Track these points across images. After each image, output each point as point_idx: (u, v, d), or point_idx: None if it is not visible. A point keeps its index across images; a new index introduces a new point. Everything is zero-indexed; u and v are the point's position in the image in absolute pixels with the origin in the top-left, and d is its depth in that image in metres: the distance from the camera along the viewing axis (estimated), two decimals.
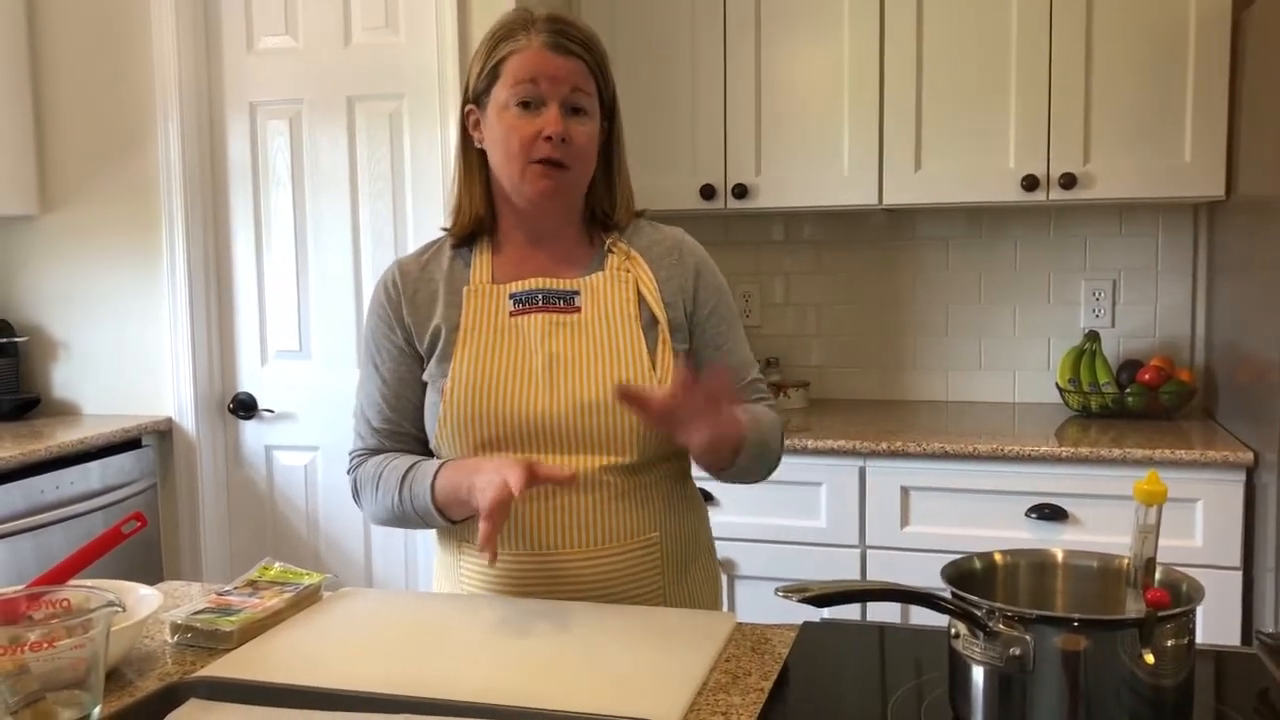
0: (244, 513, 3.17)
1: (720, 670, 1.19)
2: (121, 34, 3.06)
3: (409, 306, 1.52)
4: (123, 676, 1.20)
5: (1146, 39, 2.71)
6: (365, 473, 1.53)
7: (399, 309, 1.53)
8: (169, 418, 3.09)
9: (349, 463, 1.57)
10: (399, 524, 1.52)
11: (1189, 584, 1.04)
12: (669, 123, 3.03)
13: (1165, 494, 1.00)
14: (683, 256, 1.55)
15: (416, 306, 1.52)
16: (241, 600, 1.37)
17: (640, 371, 1.45)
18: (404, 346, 1.53)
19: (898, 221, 3.24)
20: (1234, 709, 1.09)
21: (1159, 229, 3.07)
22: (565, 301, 1.49)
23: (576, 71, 1.45)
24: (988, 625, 0.99)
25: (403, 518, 1.49)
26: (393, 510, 1.49)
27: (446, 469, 1.44)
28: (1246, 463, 2.40)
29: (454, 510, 1.44)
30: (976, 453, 2.54)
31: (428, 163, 2.91)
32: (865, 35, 2.87)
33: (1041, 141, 2.78)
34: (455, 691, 1.10)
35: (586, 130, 1.47)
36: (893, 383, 3.29)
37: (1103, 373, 2.92)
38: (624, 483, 1.46)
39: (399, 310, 1.53)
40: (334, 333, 3.03)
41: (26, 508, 2.64)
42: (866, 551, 2.64)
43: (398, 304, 1.53)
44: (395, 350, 1.53)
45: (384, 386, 1.53)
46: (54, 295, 3.19)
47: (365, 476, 1.53)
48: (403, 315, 1.52)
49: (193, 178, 3.05)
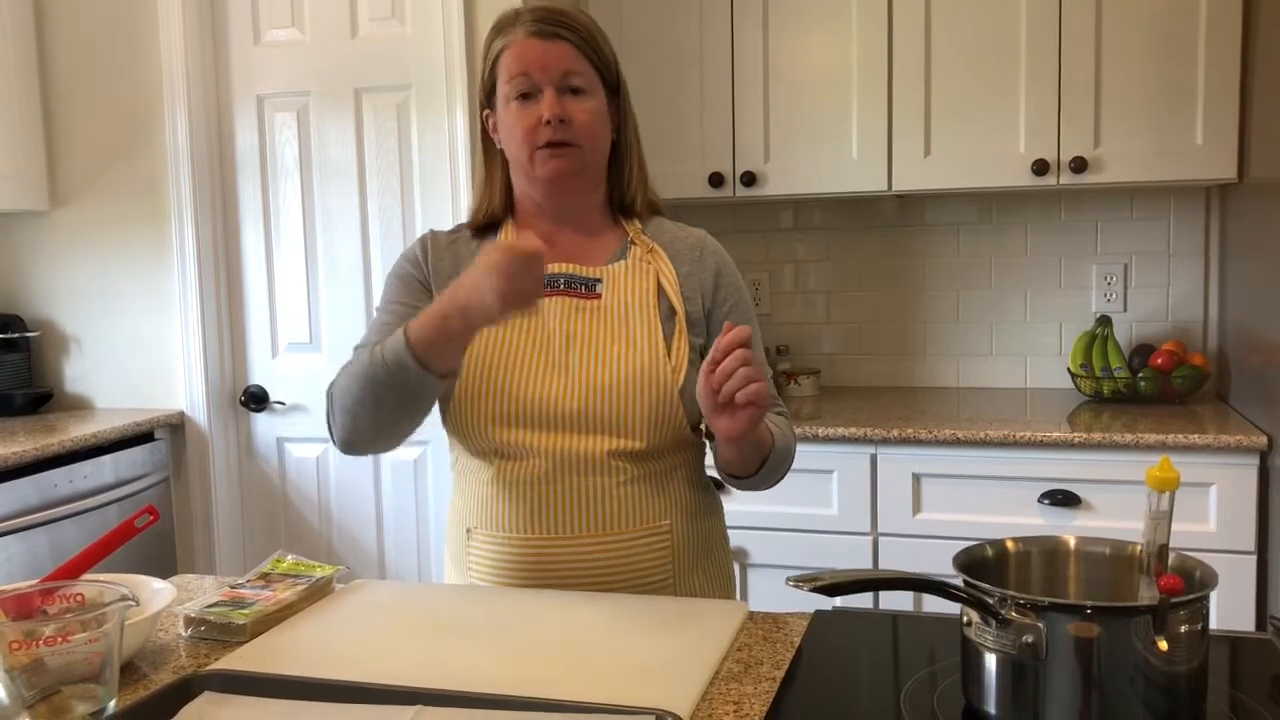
0: (256, 505, 3.18)
1: (732, 659, 1.19)
2: (128, 28, 3.06)
3: (435, 271, 1.54)
4: (137, 670, 1.20)
5: (1157, 20, 2.69)
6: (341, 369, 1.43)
7: (424, 270, 1.54)
8: (181, 411, 3.10)
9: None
10: (368, 414, 1.38)
11: (1202, 570, 1.04)
12: (677, 111, 3.02)
13: (1178, 480, 1.00)
14: (704, 255, 1.57)
15: (440, 276, 1.53)
16: (254, 593, 1.38)
17: (655, 359, 1.46)
18: (425, 296, 1.51)
19: (908, 207, 3.23)
20: (1248, 695, 1.08)
21: (1171, 212, 3.05)
22: (587, 288, 1.50)
23: (565, 54, 1.46)
24: (1000, 613, 0.99)
25: (372, 396, 1.35)
26: (363, 389, 1.36)
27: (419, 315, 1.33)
28: (1260, 447, 2.39)
29: (436, 350, 1.30)
30: (988, 439, 2.53)
31: (435, 153, 2.90)
32: (873, 19, 2.86)
33: (1052, 125, 2.77)
34: (467, 683, 1.10)
35: (587, 107, 1.47)
36: (904, 369, 3.28)
37: (1115, 357, 2.90)
38: (635, 469, 1.46)
39: (424, 271, 1.54)
40: (344, 324, 3.03)
41: (40, 502, 2.65)
42: (878, 539, 2.64)
43: (428, 263, 1.54)
44: (416, 294, 1.52)
45: (398, 319, 1.42)
46: (65, 290, 3.20)
47: (341, 371, 1.43)
48: (427, 278, 1.53)
49: (201, 171, 3.05)
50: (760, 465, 1.46)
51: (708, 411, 1.31)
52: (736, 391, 1.25)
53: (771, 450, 1.46)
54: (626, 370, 1.44)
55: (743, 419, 1.29)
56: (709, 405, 1.30)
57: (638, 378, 1.44)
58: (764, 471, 1.47)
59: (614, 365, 1.45)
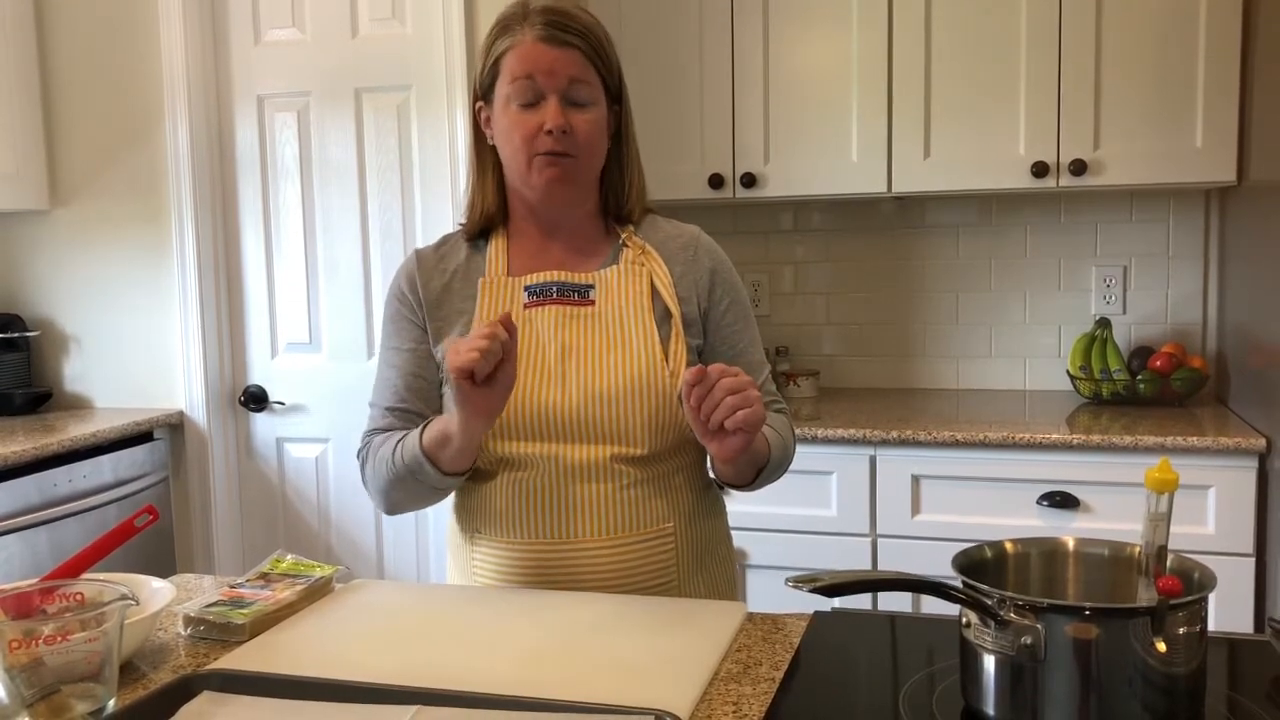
0: (256, 505, 3.19)
1: (731, 660, 1.19)
2: (129, 28, 3.06)
3: (425, 294, 1.53)
4: (136, 669, 1.20)
5: (1157, 22, 2.69)
6: (370, 450, 1.52)
7: (417, 296, 1.53)
8: (180, 411, 3.10)
9: (360, 444, 1.57)
10: (397, 493, 1.48)
11: (1201, 572, 1.04)
12: (676, 112, 3.02)
13: (1177, 481, 1.00)
14: (698, 253, 1.55)
15: (432, 295, 1.53)
16: (254, 593, 1.38)
17: (653, 363, 1.45)
18: (420, 333, 1.53)
19: (907, 209, 3.23)
20: (1246, 696, 1.09)
21: (1170, 215, 3.05)
22: (580, 295, 1.49)
23: (573, 62, 1.44)
24: (999, 614, 0.99)
25: (397, 482, 1.46)
26: (388, 477, 1.46)
27: (436, 418, 1.44)
28: (1259, 449, 2.39)
29: (441, 452, 1.39)
30: (987, 441, 2.53)
31: (435, 154, 2.91)
32: (874, 21, 2.86)
33: (1051, 127, 2.77)
34: (466, 682, 1.10)
35: (589, 118, 1.46)
36: (903, 371, 3.28)
37: (1114, 359, 2.91)
38: (637, 473, 1.46)
39: (416, 297, 1.53)
40: (344, 325, 3.04)
41: (40, 501, 2.65)
42: (877, 540, 2.64)
43: (415, 291, 1.54)
44: (411, 336, 1.53)
45: (400, 369, 1.53)
46: (65, 289, 3.20)
47: (370, 454, 1.52)
48: (420, 303, 1.53)
49: (201, 171, 3.05)
50: (756, 475, 1.47)
51: (698, 434, 1.31)
52: (724, 420, 1.26)
53: (767, 461, 1.47)
54: (624, 378, 1.44)
55: (733, 444, 1.29)
56: (699, 430, 1.30)
57: (636, 385, 1.44)
58: (759, 480, 1.49)
59: (611, 373, 1.44)
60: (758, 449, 1.42)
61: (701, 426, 1.29)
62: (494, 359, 1.27)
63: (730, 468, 1.41)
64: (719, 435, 1.29)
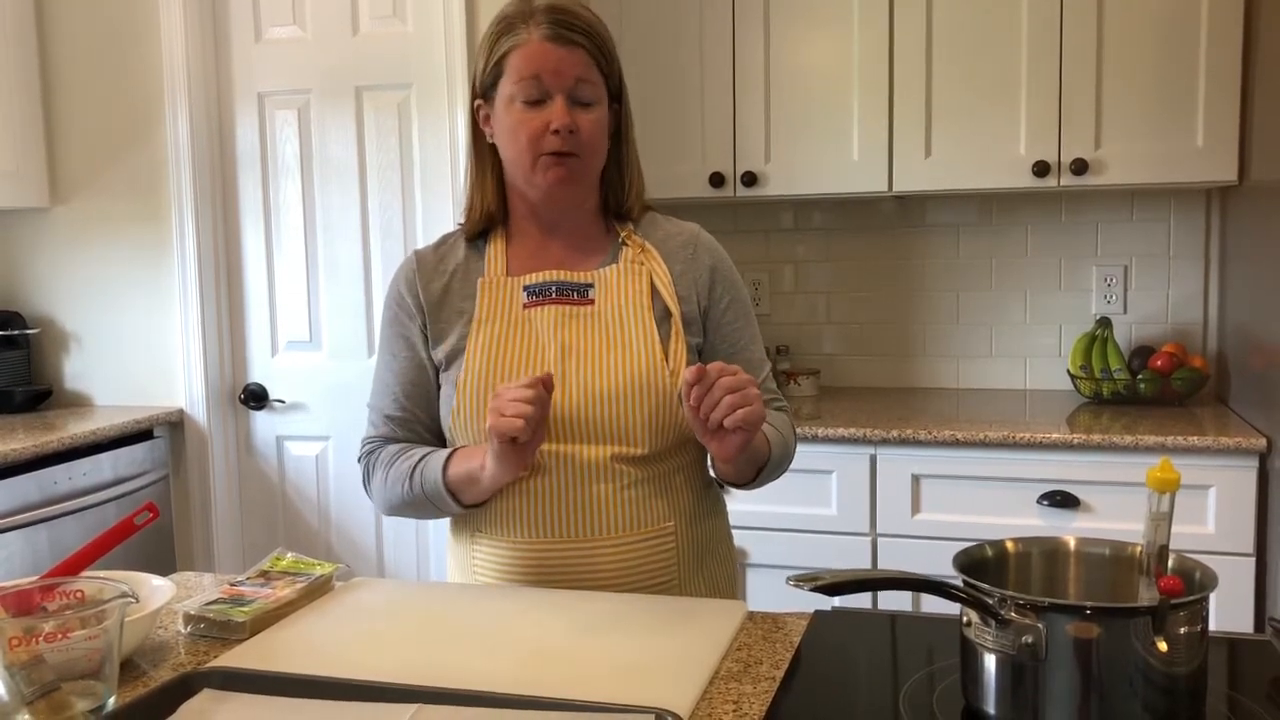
0: (256, 503, 3.18)
1: (732, 659, 1.19)
2: (130, 25, 3.06)
3: (426, 297, 1.53)
4: (136, 667, 1.20)
5: (1158, 22, 2.69)
6: (377, 460, 1.53)
7: (416, 299, 1.53)
8: (180, 409, 3.10)
9: (360, 449, 1.58)
10: (407, 511, 1.52)
11: (1202, 571, 1.04)
12: (677, 110, 3.02)
13: (1178, 481, 1.00)
14: (698, 251, 1.55)
15: (432, 297, 1.53)
16: (254, 591, 1.38)
17: (653, 363, 1.45)
18: (419, 336, 1.53)
19: (908, 208, 3.23)
20: (1247, 696, 1.09)
21: (1171, 214, 3.05)
22: (579, 294, 1.49)
23: (579, 62, 1.44)
24: (999, 613, 0.99)
25: (411, 503, 1.49)
26: (403, 497, 1.49)
27: (460, 452, 1.45)
28: (1259, 449, 2.39)
29: (465, 490, 1.44)
30: (988, 440, 2.53)
31: (436, 152, 2.90)
32: (875, 20, 2.86)
33: (1052, 127, 2.77)
34: (466, 681, 1.10)
35: (593, 118, 1.46)
36: (903, 370, 3.28)
37: (1114, 359, 2.90)
38: (638, 472, 1.46)
39: (416, 300, 1.53)
40: (344, 323, 3.04)
41: (40, 499, 2.65)
42: (878, 539, 2.64)
43: (414, 294, 1.54)
44: (410, 340, 1.53)
45: (399, 375, 1.54)
46: (65, 287, 3.20)
47: (377, 464, 1.53)
48: (419, 305, 1.53)
49: (202, 169, 3.05)
50: (756, 474, 1.47)
51: (698, 433, 1.32)
52: (724, 419, 1.27)
53: (768, 460, 1.47)
54: (624, 377, 1.44)
55: (733, 442, 1.30)
56: (698, 429, 1.31)
57: (636, 384, 1.44)
58: (760, 478, 1.49)
59: (612, 373, 1.44)
60: (758, 447, 1.42)
61: (701, 425, 1.30)
62: (535, 425, 1.30)
63: (730, 466, 1.42)
64: (719, 434, 1.30)
